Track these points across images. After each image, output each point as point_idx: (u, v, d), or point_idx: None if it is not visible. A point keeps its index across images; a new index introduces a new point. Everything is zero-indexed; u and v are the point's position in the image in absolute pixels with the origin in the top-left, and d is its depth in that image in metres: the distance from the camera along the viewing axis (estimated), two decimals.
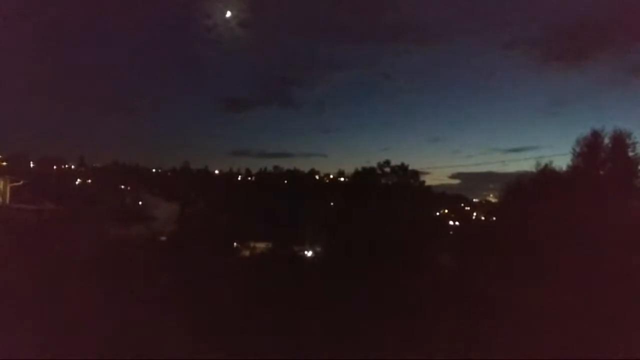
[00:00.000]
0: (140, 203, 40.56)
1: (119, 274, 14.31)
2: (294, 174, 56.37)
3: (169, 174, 58.23)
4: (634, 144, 19.21)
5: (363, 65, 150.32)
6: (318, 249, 35.42)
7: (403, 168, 46.37)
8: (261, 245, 33.59)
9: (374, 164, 47.69)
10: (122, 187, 49.23)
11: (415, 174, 46.51)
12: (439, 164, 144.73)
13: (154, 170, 61.83)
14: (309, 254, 36.56)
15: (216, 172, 64.25)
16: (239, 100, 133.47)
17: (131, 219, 31.35)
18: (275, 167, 59.44)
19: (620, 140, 19.66)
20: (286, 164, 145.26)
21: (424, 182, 46.98)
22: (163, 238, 26.68)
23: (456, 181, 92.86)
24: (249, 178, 60.00)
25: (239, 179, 61.22)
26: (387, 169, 46.72)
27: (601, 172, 19.89)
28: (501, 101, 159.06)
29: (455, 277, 19.91)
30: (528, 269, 14.59)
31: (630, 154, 19.47)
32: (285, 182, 53.61)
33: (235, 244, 30.52)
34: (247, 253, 29.64)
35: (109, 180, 48.81)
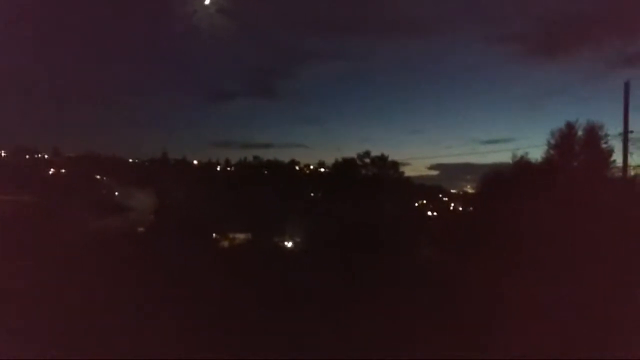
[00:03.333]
0: (117, 194, 39.89)
1: (96, 266, 14.13)
2: (274, 165, 56.26)
3: (147, 164, 57.38)
4: (606, 136, 19.76)
5: (345, 57, 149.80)
6: (298, 240, 35.51)
7: (383, 159, 46.87)
8: (241, 236, 33.49)
9: (354, 155, 48.11)
10: (99, 177, 48.34)
11: (395, 165, 47.10)
12: (418, 155, 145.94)
13: (131, 160, 60.91)
14: (289, 244, 36.63)
15: (195, 162, 63.58)
16: (219, 91, 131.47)
17: (108, 210, 30.85)
18: (256, 158, 59.13)
19: (593, 133, 20.19)
20: (267, 155, 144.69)
21: (403, 173, 47.51)
22: (141, 229, 26.36)
23: (435, 172, 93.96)
24: (229, 168, 59.57)
25: (219, 169, 60.69)
26: (367, 160, 47.16)
27: (575, 164, 20.42)
28: (480, 93, 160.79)
29: (432, 266, 20.25)
30: (504, 258, 14.91)
31: (603, 145, 20.03)
32: (266, 172, 53.40)
33: (214, 234, 30.38)
34: (226, 244, 29.55)
35: (84, 171, 47.81)
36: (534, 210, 15.79)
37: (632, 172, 18.51)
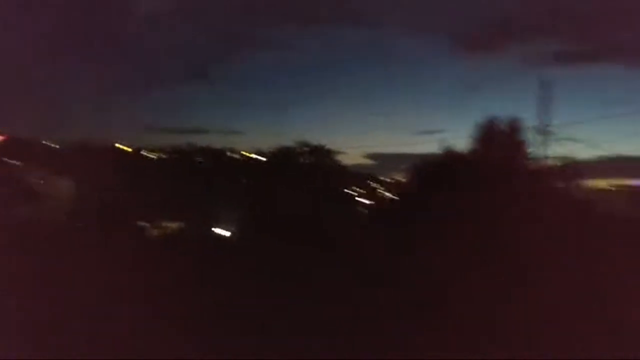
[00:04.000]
0: (35, 181, 37.06)
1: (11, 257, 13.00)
2: (209, 151, 54.57)
3: (72, 149, 53.51)
4: (525, 128, 21.13)
5: (286, 44, 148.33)
6: (234, 229, 34.98)
7: (320, 148, 47.07)
8: (173, 225, 32.40)
9: (292, 143, 47.90)
10: (15, 162, 44.61)
11: (332, 153, 47.49)
12: (355, 144, 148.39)
13: (54, 145, 56.45)
14: (225, 233, 36.00)
15: (125, 147, 60.17)
16: (153, 74, 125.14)
17: (22, 198, 28.56)
18: (189, 144, 56.97)
19: (514, 126, 21.52)
20: (201, 141, 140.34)
21: (339, 161, 48.00)
22: (58, 218, 24.69)
23: (370, 161, 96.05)
24: (160, 154, 56.91)
25: (149, 155, 57.86)
26: (305, 148, 47.17)
27: (497, 155, 21.64)
28: (415, 85, 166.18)
29: (365, 251, 20.76)
30: (432, 243, 15.59)
31: (522, 138, 21.42)
32: (199, 159, 51.75)
33: (142, 223, 29.11)
34: (155, 233, 28.42)
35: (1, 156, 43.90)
36: (461, 197, 16.59)
37: (547, 163, 20.03)
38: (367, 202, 48.89)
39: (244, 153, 63.40)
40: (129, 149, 60.17)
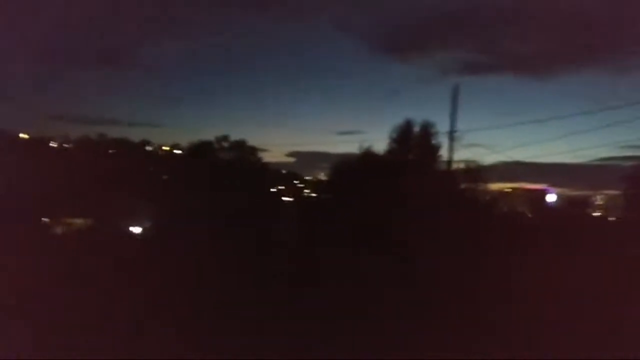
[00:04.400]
0: None
1: None
2: (122, 143, 51.61)
3: None
4: (437, 133, 22.59)
5: (207, 35, 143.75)
6: (147, 226, 33.48)
7: (241, 144, 46.50)
8: (79, 221, 30.27)
9: (211, 137, 46.79)
10: None
11: (254, 150, 47.15)
12: (277, 142, 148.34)
13: None
14: (137, 230, 34.35)
15: (25, 136, 54.69)
16: (62, 58, 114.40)
17: None
18: (101, 135, 53.37)
19: (426, 130, 22.92)
20: (114, 132, 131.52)
21: (261, 158, 47.84)
22: None
23: (292, 159, 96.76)
24: (67, 145, 52.52)
25: (54, 145, 53.17)
26: (225, 144, 46.31)
27: (410, 156, 22.95)
28: (337, 85, 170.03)
29: (286, 245, 21.04)
30: (351, 237, 16.24)
31: (433, 142, 22.87)
32: (111, 151, 48.79)
33: (43, 219, 26.86)
34: (59, 230, 26.37)
35: None
36: (378, 196, 17.42)
37: (455, 166, 21.61)
38: (289, 199, 49.21)
39: (164, 147, 60.77)
40: (31, 138, 54.79)
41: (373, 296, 11.89)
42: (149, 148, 60.03)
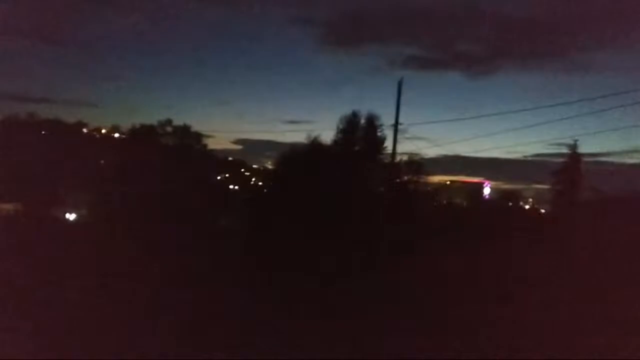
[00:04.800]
0: None
1: None
2: (55, 124, 48.48)
3: None
4: (381, 126, 23.04)
5: (152, 13, 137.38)
6: (83, 212, 32.00)
7: (185, 129, 45.10)
8: (7, 207, 28.34)
9: (154, 121, 44.96)
10: None
11: (198, 136, 45.86)
12: (223, 128, 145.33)
13: None
14: (71, 216, 32.74)
15: None
16: None
17: None
18: (31, 115, 49.74)
19: (371, 122, 23.30)
20: (45, 112, 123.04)
21: (206, 145, 46.67)
22: None
23: (239, 147, 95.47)
24: None
25: None
26: (169, 129, 44.71)
27: (356, 148, 23.29)
28: (285, 74, 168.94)
29: (232, 235, 20.90)
30: (298, 227, 16.42)
31: (379, 133, 23.33)
32: (43, 132, 45.73)
33: None
34: None
35: None
36: (321, 186, 17.65)
37: (398, 159, 22.24)
38: (235, 187, 48.60)
39: (102, 130, 57.57)
40: None
41: (312, 282, 12.15)
42: (85, 130, 56.91)
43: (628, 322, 9.21)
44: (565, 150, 34.61)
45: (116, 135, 54.00)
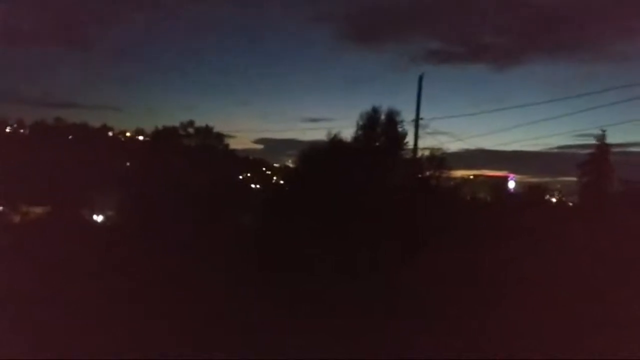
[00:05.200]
0: None
1: None
2: (82, 129, 49.76)
3: None
4: (402, 121, 22.83)
5: (168, 11, 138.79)
6: (110, 214, 32.73)
7: (207, 130, 45.75)
8: (38, 210, 29.27)
9: (176, 123, 45.76)
10: None
11: (220, 136, 46.46)
12: (244, 128, 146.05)
13: None
14: (99, 218, 33.52)
15: None
16: (15, 37, 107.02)
17: None
18: (58, 119, 51.15)
19: (392, 118, 23.12)
20: (71, 116, 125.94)
21: (228, 145, 47.25)
22: None
23: (260, 146, 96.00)
24: (22, 130, 50.07)
25: (8, 130, 50.65)
26: (191, 130, 45.46)
27: (377, 144, 23.15)
28: (305, 72, 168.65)
29: (253, 234, 21.05)
30: (319, 226, 16.45)
31: (400, 129, 23.13)
32: (70, 137, 47.01)
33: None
34: (16, 219, 25.46)
35: None
36: (344, 184, 17.63)
37: (420, 154, 22.01)
38: (256, 185, 48.94)
39: (127, 133, 58.91)
40: None
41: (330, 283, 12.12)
42: (110, 133, 58.24)
43: None
44: (591, 141, 33.69)
45: (140, 137, 55.09)
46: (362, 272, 13.30)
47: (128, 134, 58.48)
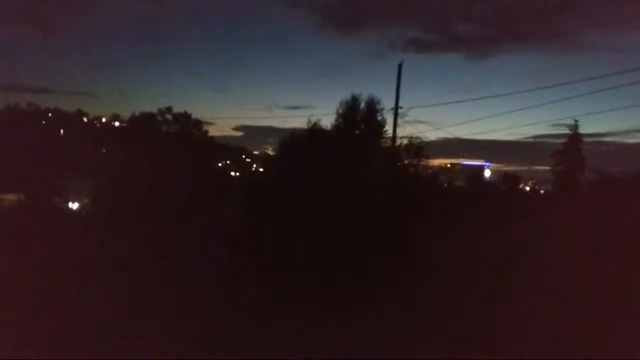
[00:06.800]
0: None
1: None
2: (55, 114, 48.47)
3: None
4: (382, 109, 22.95)
5: (148, 2, 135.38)
6: (86, 202, 32.13)
7: (186, 116, 45.04)
8: (10, 197, 28.54)
9: (153, 109, 44.87)
10: None
11: (199, 123, 45.82)
12: (223, 115, 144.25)
13: None
14: (74, 206, 32.90)
15: None
16: None
17: None
18: (30, 104, 49.67)
19: (372, 105, 23.20)
20: (45, 101, 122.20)
21: (207, 132, 46.69)
22: None
23: (239, 133, 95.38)
24: None
25: None
26: (169, 116, 44.68)
27: (356, 132, 23.23)
28: (284, 59, 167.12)
29: (232, 225, 20.94)
30: (298, 215, 16.47)
31: (379, 117, 23.24)
32: (44, 122, 45.76)
33: None
34: None
35: None
36: (322, 172, 17.66)
37: (398, 142, 22.19)
38: (236, 173, 48.63)
39: (99, 118, 57.56)
40: None
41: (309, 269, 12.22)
42: (85, 119, 56.89)
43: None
44: (565, 131, 34.53)
45: (116, 123, 53.98)
46: (347, 268, 13.39)
47: (104, 120, 57.28)
